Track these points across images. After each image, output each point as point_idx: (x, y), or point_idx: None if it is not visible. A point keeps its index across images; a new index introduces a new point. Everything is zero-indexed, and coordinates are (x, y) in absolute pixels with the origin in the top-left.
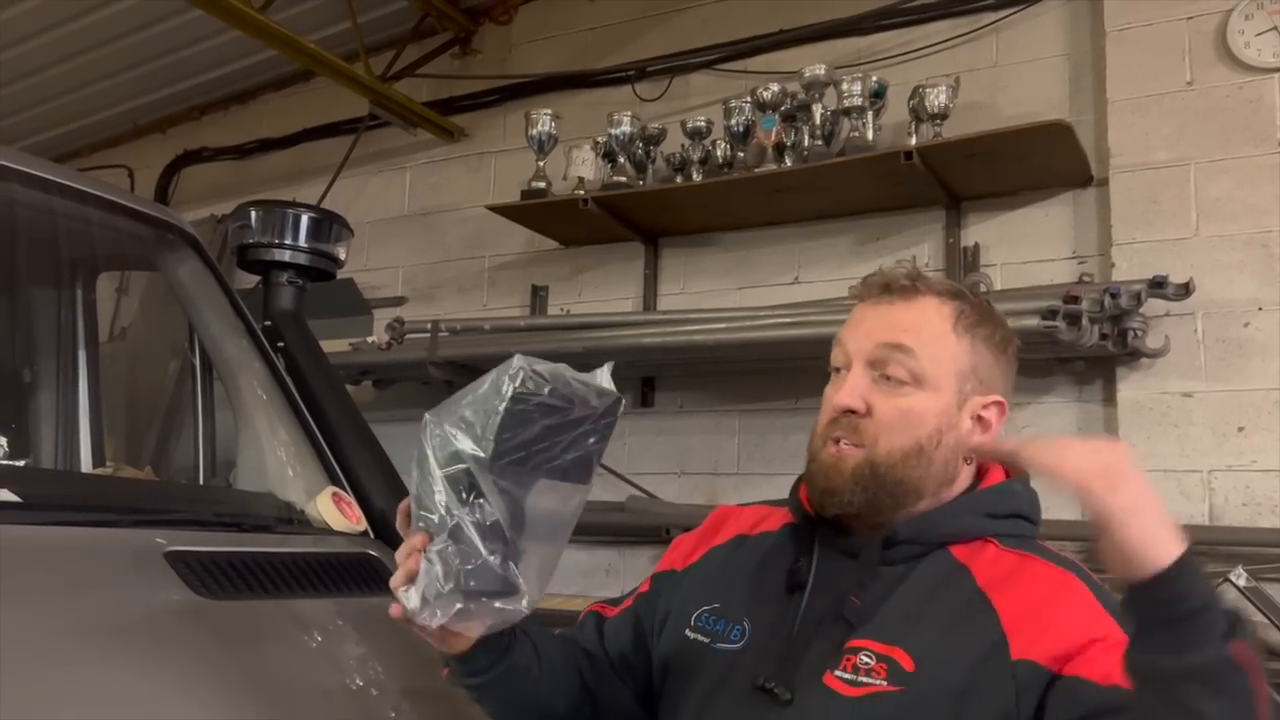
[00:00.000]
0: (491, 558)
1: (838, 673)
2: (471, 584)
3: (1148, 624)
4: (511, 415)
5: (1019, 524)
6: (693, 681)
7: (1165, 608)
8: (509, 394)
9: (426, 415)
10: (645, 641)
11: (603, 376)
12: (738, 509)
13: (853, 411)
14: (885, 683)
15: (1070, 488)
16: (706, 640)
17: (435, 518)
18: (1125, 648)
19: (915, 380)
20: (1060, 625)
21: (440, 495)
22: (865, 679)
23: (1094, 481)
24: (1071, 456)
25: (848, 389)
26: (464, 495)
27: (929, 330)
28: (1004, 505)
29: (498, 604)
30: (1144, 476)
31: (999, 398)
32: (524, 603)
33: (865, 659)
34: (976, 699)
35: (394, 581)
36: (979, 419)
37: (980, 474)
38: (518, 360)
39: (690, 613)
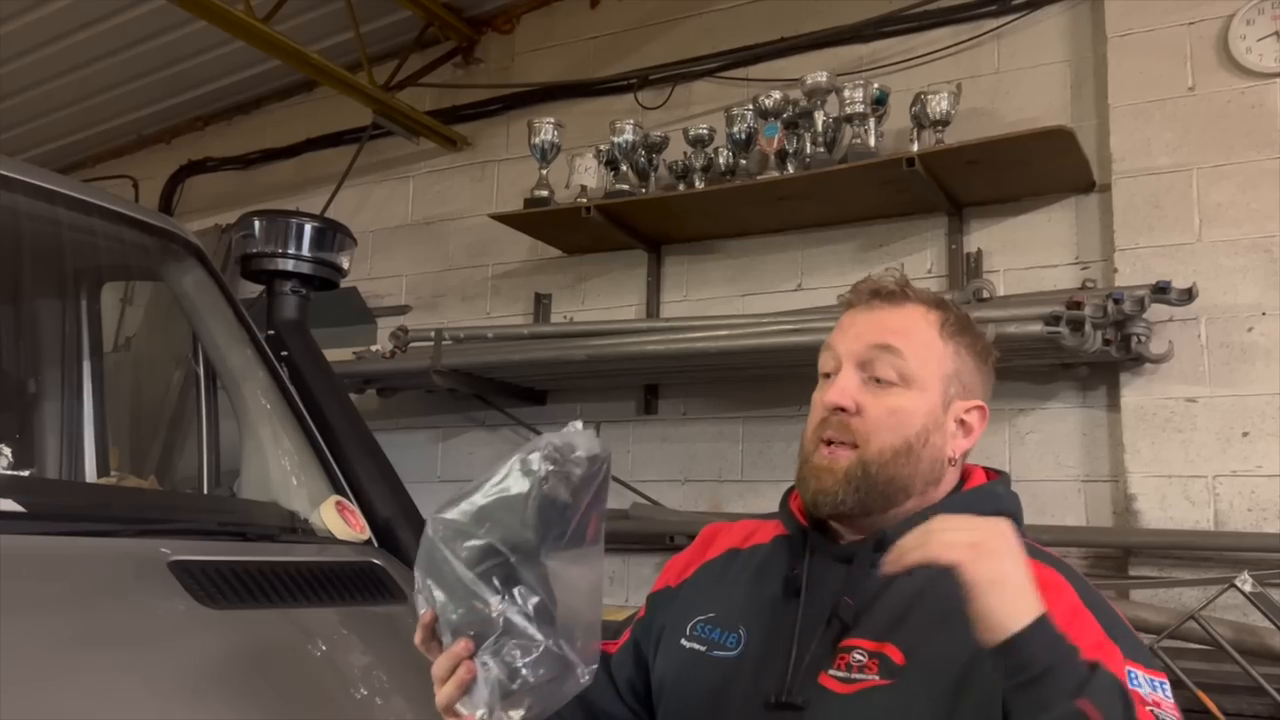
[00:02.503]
0: (549, 641)
1: (831, 671)
2: (540, 674)
3: (1009, 689)
4: (546, 497)
5: None
6: (693, 691)
7: (1016, 672)
8: (543, 474)
9: (430, 522)
10: (647, 664)
11: (588, 436)
12: (727, 525)
13: (843, 410)
14: (877, 677)
15: (944, 560)
16: (703, 649)
17: (480, 619)
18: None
19: (904, 381)
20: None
21: (479, 595)
22: (858, 675)
23: (963, 554)
24: (946, 534)
25: (838, 388)
26: (500, 588)
27: (916, 334)
28: (989, 506)
29: (564, 687)
30: (1014, 553)
31: (980, 402)
32: (584, 677)
33: (858, 656)
34: (971, 691)
35: (444, 699)
36: (962, 422)
37: (964, 478)
38: (543, 441)
39: (686, 623)
